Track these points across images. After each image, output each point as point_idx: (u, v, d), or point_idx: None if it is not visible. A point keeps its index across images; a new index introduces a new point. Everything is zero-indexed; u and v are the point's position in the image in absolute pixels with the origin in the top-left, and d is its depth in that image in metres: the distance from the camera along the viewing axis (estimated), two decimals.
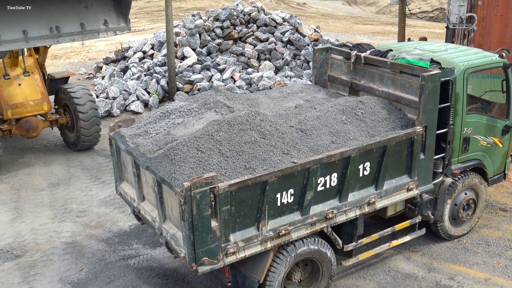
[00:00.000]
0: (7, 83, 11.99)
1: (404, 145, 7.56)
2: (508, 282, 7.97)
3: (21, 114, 12.01)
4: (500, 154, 9.07)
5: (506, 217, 9.67)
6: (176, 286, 7.82)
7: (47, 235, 9.48)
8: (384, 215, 8.21)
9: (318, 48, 9.37)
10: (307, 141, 7.24)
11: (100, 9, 9.82)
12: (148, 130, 7.47)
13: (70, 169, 12.07)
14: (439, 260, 8.50)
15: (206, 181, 5.95)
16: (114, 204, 10.40)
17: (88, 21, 9.70)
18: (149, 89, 16.33)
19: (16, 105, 11.94)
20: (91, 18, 9.69)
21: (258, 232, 6.54)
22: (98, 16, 9.80)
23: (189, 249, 6.13)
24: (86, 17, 9.63)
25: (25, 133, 12.25)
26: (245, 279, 6.88)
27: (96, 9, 9.72)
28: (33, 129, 12.23)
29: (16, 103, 11.94)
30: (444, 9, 28.13)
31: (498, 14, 13.05)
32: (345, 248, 7.58)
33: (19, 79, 12.15)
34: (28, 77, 12.27)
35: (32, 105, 12.13)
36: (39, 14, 9.12)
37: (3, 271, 8.48)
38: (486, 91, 9.46)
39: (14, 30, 8.87)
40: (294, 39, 17.79)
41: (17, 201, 10.71)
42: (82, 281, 8.11)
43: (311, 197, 6.82)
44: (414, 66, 7.91)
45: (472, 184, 8.78)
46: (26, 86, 12.17)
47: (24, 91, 12.12)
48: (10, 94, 11.93)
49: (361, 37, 24.11)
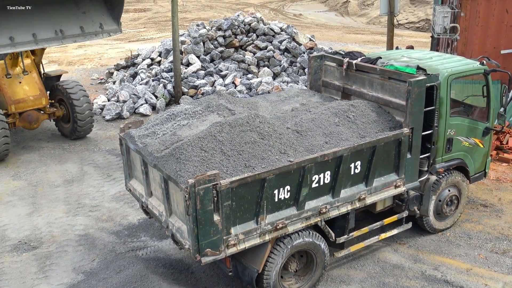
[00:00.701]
0: (9, 81, 12.53)
1: (392, 145, 7.56)
2: (488, 272, 7.98)
3: (23, 108, 12.61)
4: (481, 154, 9.08)
5: (486, 212, 9.67)
6: (181, 276, 7.82)
7: (62, 228, 9.48)
8: (374, 210, 8.22)
9: (313, 56, 9.38)
10: (303, 142, 7.24)
11: (96, 14, 10.46)
12: (156, 131, 7.47)
13: (83, 167, 12.07)
14: (425, 251, 8.50)
15: (209, 178, 5.96)
16: (124, 200, 10.40)
17: (86, 25, 10.35)
18: (156, 93, 16.32)
19: (19, 101, 12.51)
20: (88, 22, 10.39)
21: (257, 226, 6.55)
22: (95, 20, 10.55)
23: (193, 241, 6.14)
24: (85, 21, 10.36)
25: (28, 125, 12.85)
26: (245, 269, 6.89)
27: (93, 14, 10.42)
28: (34, 121, 12.83)
29: (18, 99, 12.51)
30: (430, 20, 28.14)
31: (479, 25, 13.07)
32: (338, 240, 7.59)
33: (19, 77, 12.68)
34: (27, 76, 12.79)
35: (32, 100, 12.71)
36: (45, 20, 9.73)
37: (21, 261, 8.48)
38: (468, 96, 9.46)
39: (25, 33, 9.51)
40: (290, 47, 17.80)
41: (34, 196, 10.71)
42: (94, 271, 8.11)
43: (306, 193, 6.82)
44: (402, 73, 7.92)
45: (455, 181, 8.78)
46: (25, 84, 12.73)
47: (24, 88, 12.68)
48: (12, 91, 12.49)
49: (353, 46, 24.11)
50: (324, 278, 7.73)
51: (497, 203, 10.00)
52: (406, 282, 7.74)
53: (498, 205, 9.94)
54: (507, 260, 8.25)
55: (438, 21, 13.50)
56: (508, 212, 9.66)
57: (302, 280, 7.36)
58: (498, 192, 10.46)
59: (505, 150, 11.90)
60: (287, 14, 36.33)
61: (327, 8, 39.40)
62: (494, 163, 11.58)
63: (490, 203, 10.00)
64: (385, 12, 14.97)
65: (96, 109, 15.60)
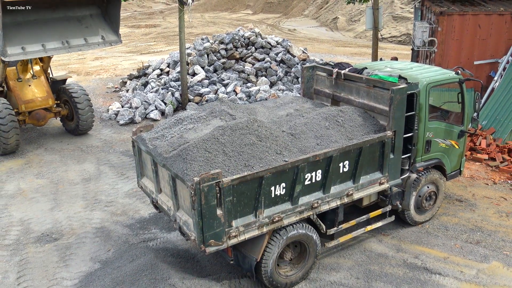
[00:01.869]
0: (20, 84, 12.97)
1: (377, 146, 7.56)
2: (463, 260, 7.98)
3: (32, 107, 13.00)
4: (456, 154, 9.09)
5: (461, 207, 9.67)
6: (188, 264, 7.81)
7: (80, 221, 9.47)
8: (360, 205, 8.21)
9: (306, 66, 9.38)
10: (296, 143, 7.24)
11: (97, 28, 10.94)
12: (165, 134, 7.46)
13: (100, 166, 12.06)
14: (406, 242, 8.49)
15: (212, 177, 5.96)
16: (136, 196, 10.39)
17: (89, 37, 10.82)
18: (165, 100, 16.30)
19: (28, 101, 12.90)
20: (91, 34, 11.01)
21: (256, 219, 6.54)
22: (96, 33, 10.99)
23: (198, 233, 6.14)
24: (88, 34, 10.97)
25: (36, 122, 13.25)
26: (245, 258, 6.88)
27: (94, 28, 11.07)
28: (41, 118, 13.23)
29: (27, 99, 12.91)
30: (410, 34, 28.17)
31: (454, 39, 13.10)
32: (328, 232, 7.59)
33: (29, 81, 13.13)
34: (36, 80, 13.22)
35: (40, 100, 13.11)
36: (52, 33, 10.27)
37: (44, 252, 8.47)
38: (445, 102, 9.48)
39: (35, 44, 10.04)
40: (286, 59, 17.80)
41: (55, 193, 10.70)
42: (110, 260, 8.10)
43: (299, 189, 6.82)
44: (385, 81, 7.93)
45: (433, 179, 8.79)
46: (34, 86, 13.14)
47: (33, 90, 13.08)
48: (22, 93, 12.92)
49: (341, 57, 24.12)
50: (316, 266, 7.73)
51: (471, 198, 10.00)
52: (390, 269, 7.73)
53: (472, 200, 9.94)
54: (480, 250, 8.25)
55: (417, 35, 13.52)
56: (481, 206, 9.67)
57: (297, 267, 7.35)
58: (472, 188, 10.46)
59: (478, 151, 11.91)
60: (283, 29, 36.35)
61: (318, 23, 39.43)
62: (468, 162, 11.59)
63: (465, 198, 10.01)
64: (370, 27, 14.99)
65: (111, 115, 15.63)
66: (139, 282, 7.13)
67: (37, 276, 7.81)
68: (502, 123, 12.14)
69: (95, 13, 10.75)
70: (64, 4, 10.29)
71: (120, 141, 13.80)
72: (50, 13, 10.14)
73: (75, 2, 10.58)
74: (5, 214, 9.81)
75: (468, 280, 7.49)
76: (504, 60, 13.02)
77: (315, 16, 41.75)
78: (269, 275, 6.94)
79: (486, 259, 7.99)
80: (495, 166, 11.33)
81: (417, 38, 13.56)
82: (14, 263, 8.18)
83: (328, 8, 41.25)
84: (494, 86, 12.93)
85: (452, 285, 7.37)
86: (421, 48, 13.52)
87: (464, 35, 13.07)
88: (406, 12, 31.80)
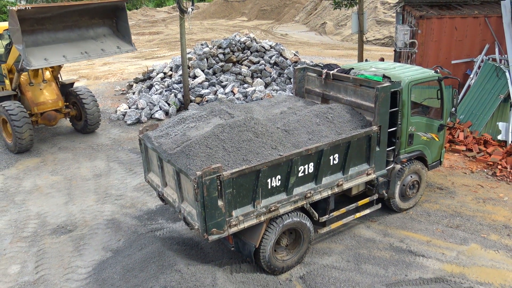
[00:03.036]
0: (32, 88, 13.13)
1: (364, 140, 7.56)
2: (444, 243, 8.00)
3: (43, 109, 13.16)
4: (437, 146, 9.09)
5: (442, 194, 9.69)
6: (192, 251, 7.80)
7: (93, 214, 9.44)
8: (350, 194, 8.22)
9: (297, 68, 9.36)
10: (290, 139, 7.23)
11: (112, 41, 11.17)
12: (169, 132, 7.44)
13: (110, 163, 12.02)
14: (392, 227, 8.51)
15: (213, 171, 5.94)
16: (144, 190, 10.36)
17: (106, 48, 10.99)
18: (169, 101, 16.25)
19: (40, 103, 13.05)
20: (108, 46, 11.02)
21: (254, 209, 6.53)
22: (112, 44, 11.15)
23: (201, 222, 6.13)
24: (104, 46, 11.04)
25: (48, 122, 13.33)
26: (245, 244, 6.87)
27: (109, 41, 11.12)
28: (52, 119, 13.32)
29: (39, 102, 13.05)
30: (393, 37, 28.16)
31: (433, 40, 13.09)
32: (320, 219, 7.59)
33: (40, 85, 13.25)
34: (46, 84, 13.36)
35: (50, 102, 13.25)
36: (72, 47, 10.44)
37: (60, 242, 8.44)
38: (425, 98, 9.49)
39: (57, 55, 10.08)
40: (279, 62, 17.76)
41: (69, 188, 10.66)
42: (120, 249, 8.09)
43: (294, 181, 6.81)
44: (370, 80, 7.92)
45: (416, 169, 8.80)
46: (45, 90, 13.29)
47: (44, 93, 13.23)
48: (34, 96, 13.07)
49: (330, 59, 24.08)
50: (310, 250, 7.74)
51: (451, 186, 10.02)
52: (378, 253, 7.75)
53: (451, 188, 9.96)
54: (460, 233, 8.27)
55: (399, 38, 13.50)
56: (460, 194, 9.69)
57: (292, 252, 7.35)
58: (451, 177, 10.48)
59: (457, 143, 11.93)
60: (276, 34, 36.25)
61: (308, 28, 39.34)
62: (448, 153, 11.61)
63: (445, 186, 10.02)
64: (356, 31, 14.96)
65: (119, 115, 15.57)
66: (147, 269, 7.12)
67: (54, 265, 7.79)
68: (478, 117, 12.16)
69: (108, 32, 10.95)
70: (78, 26, 10.50)
71: (128, 139, 13.75)
72: (68, 33, 10.34)
73: (86, 25, 10.80)
74: (23, 208, 9.77)
75: (449, 261, 7.51)
76: (478, 59, 13.03)
77: (305, 22, 41.66)
78: (267, 260, 6.94)
79: (465, 242, 8.01)
80: (472, 157, 11.36)
81: (399, 40, 13.55)
82: (32, 253, 8.16)
83: (317, 14, 41.16)
84: (470, 83, 12.95)
85: (434, 266, 7.39)
86: (403, 49, 13.51)
87: (442, 37, 13.06)
88: (389, 17, 31.76)
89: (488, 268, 7.33)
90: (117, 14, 11.49)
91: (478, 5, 13.94)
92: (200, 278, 6.82)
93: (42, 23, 10.00)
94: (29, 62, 9.62)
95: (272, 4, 48.24)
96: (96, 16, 10.94)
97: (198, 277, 6.83)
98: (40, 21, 9.92)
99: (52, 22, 10.15)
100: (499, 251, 7.76)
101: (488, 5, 13.86)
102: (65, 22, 10.36)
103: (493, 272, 7.23)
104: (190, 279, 6.74)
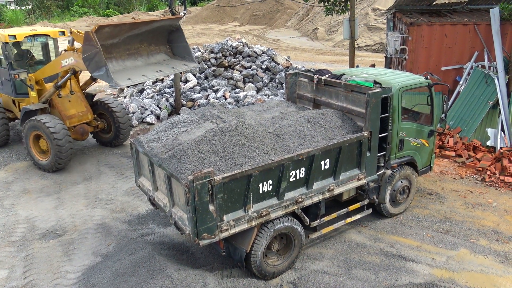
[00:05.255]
0: (61, 100, 12.26)
1: (355, 145, 7.59)
2: (434, 248, 8.04)
3: (75, 122, 12.31)
4: (427, 151, 9.16)
5: (432, 199, 9.76)
6: (183, 256, 7.77)
7: (83, 218, 9.36)
8: (341, 199, 8.24)
9: (289, 73, 9.39)
10: (282, 144, 7.24)
11: (178, 62, 10.91)
12: (160, 137, 7.42)
13: (100, 167, 11.95)
14: (382, 232, 8.54)
15: (205, 175, 5.93)
16: (134, 194, 10.31)
17: (175, 66, 10.73)
18: (160, 105, 16.21)
19: (71, 116, 12.23)
20: (176, 65, 10.74)
21: (245, 214, 6.53)
22: (179, 64, 10.86)
23: (192, 227, 6.11)
24: (174, 65, 10.72)
25: (80, 136, 12.40)
26: (236, 249, 6.86)
27: (177, 61, 10.86)
28: (85, 133, 12.43)
29: (70, 115, 12.24)
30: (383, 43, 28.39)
31: (423, 47, 13.21)
32: (312, 224, 7.60)
33: (68, 97, 12.41)
34: (74, 95, 12.51)
35: (80, 115, 12.43)
36: (149, 69, 10.22)
37: (49, 247, 8.36)
38: (416, 104, 9.55)
39: (138, 75, 9.84)
40: (270, 67, 17.81)
41: (59, 193, 10.57)
42: (110, 253, 8.02)
43: (285, 186, 6.82)
44: (361, 86, 7.96)
45: (406, 174, 8.85)
46: (74, 102, 12.47)
47: (74, 106, 12.42)
48: (65, 108, 12.23)
49: (322, 65, 24.19)
50: (301, 255, 7.74)
51: (441, 192, 10.09)
52: (368, 258, 7.77)
53: (441, 193, 10.03)
54: (450, 238, 8.33)
55: (390, 44, 13.61)
56: (450, 199, 9.76)
57: (283, 257, 7.34)
58: (441, 182, 10.56)
59: (447, 149, 12.02)
60: (267, 39, 36.37)
61: (300, 34, 39.52)
62: (438, 159, 11.70)
63: (435, 191, 10.09)
64: (347, 37, 15.06)
65: None
66: (138, 274, 7.07)
67: (43, 270, 7.70)
68: (468, 123, 12.28)
69: (166, 58, 10.81)
70: (140, 54, 10.33)
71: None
72: (133, 61, 10.19)
73: (146, 52, 10.58)
74: (11, 212, 9.67)
75: (439, 266, 7.56)
76: (468, 66, 13.17)
77: (297, 27, 41.86)
78: (258, 265, 6.93)
79: (455, 247, 8.07)
80: (462, 162, 11.45)
81: (390, 46, 13.66)
82: (20, 258, 8.06)
83: (309, 19, 41.39)
84: (460, 90, 13.07)
85: (424, 271, 7.43)
86: (393, 55, 13.62)
87: (432, 44, 13.19)
88: (380, 23, 32.03)
89: (477, 273, 7.38)
90: (171, 38, 10.93)
91: (468, 13, 14.11)
92: (191, 283, 6.79)
93: (110, 51, 9.64)
94: (117, 83, 9.20)
95: (264, 10, 48.42)
96: (153, 43, 10.60)
97: (189, 282, 6.80)
98: (108, 49, 9.55)
99: (119, 51, 9.87)
100: (488, 256, 7.82)
101: (477, 12, 14.03)
102: (129, 50, 10.14)
103: (482, 277, 7.29)
104: (180, 284, 6.70)
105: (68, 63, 10.89)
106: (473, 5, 14.38)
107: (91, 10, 57.19)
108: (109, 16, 54.71)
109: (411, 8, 14.37)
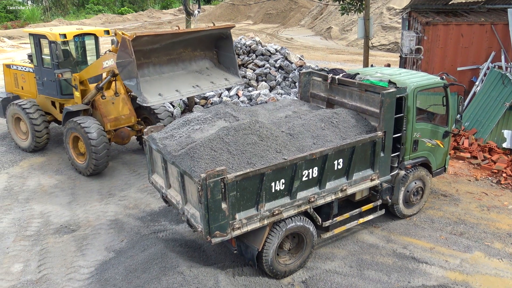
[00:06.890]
0: (104, 102, 11.83)
1: (369, 145, 7.55)
2: (448, 250, 7.96)
3: (116, 126, 11.87)
4: (441, 152, 9.07)
5: (446, 201, 9.66)
6: (195, 253, 7.80)
7: (96, 214, 9.46)
8: (353, 199, 8.20)
9: (303, 72, 9.37)
10: (295, 143, 7.23)
11: (217, 73, 10.48)
12: (174, 134, 7.45)
13: (113, 164, 12.04)
14: (395, 233, 8.48)
15: (218, 173, 5.94)
16: (147, 191, 10.38)
17: (215, 80, 10.28)
18: (174, 103, 16.29)
19: (113, 119, 11.81)
20: (216, 79, 10.30)
21: (257, 212, 6.53)
22: (220, 77, 10.42)
23: (205, 225, 6.12)
24: (213, 79, 10.25)
25: (120, 140, 12.01)
26: (248, 248, 6.87)
27: (217, 75, 10.40)
28: (126, 137, 12.01)
29: (112, 118, 11.81)
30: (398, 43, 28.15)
31: (439, 47, 13.08)
32: (324, 224, 7.57)
33: (112, 99, 11.98)
34: (118, 97, 12.08)
35: (124, 118, 12.01)
36: (185, 82, 9.80)
37: (63, 242, 8.46)
38: (431, 105, 9.47)
39: (171, 90, 9.45)
40: (284, 65, 17.78)
41: (73, 188, 10.69)
42: (123, 249, 8.09)
43: (298, 185, 6.81)
44: (376, 86, 7.91)
45: (420, 175, 8.77)
46: (117, 104, 12.04)
47: (117, 108, 12.00)
48: (107, 111, 11.81)
49: (335, 64, 24.08)
50: (313, 255, 7.72)
51: (455, 194, 9.99)
52: (380, 259, 7.72)
53: (455, 195, 9.93)
54: (464, 241, 8.24)
55: (405, 44, 13.50)
56: (464, 201, 9.65)
57: (295, 257, 7.34)
58: (456, 184, 10.44)
59: (461, 150, 11.89)
60: (281, 38, 36.31)
61: (313, 33, 39.38)
62: (452, 160, 11.58)
63: (449, 193, 9.99)
64: (362, 36, 14.96)
65: None
66: (150, 270, 7.12)
67: (56, 264, 7.80)
68: (483, 124, 12.13)
69: (209, 65, 10.29)
70: (181, 60, 9.91)
71: (132, 140, 13.77)
72: (172, 67, 9.79)
73: (189, 57, 10.19)
74: (26, 207, 9.81)
75: (453, 268, 7.48)
76: (484, 66, 13.01)
77: (311, 26, 41.72)
78: (269, 263, 6.93)
79: (469, 250, 7.97)
80: (477, 164, 11.32)
81: (405, 46, 13.54)
82: (35, 252, 8.18)
83: (323, 18, 41.21)
84: (476, 90, 12.92)
85: (437, 273, 7.36)
86: (408, 55, 13.50)
87: (448, 44, 13.05)
88: (394, 23, 31.76)
89: (491, 277, 7.29)
90: (219, 44, 10.52)
91: (485, 13, 13.93)
92: (203, 280, 6.81)
93: (149, 57, 9.31)
94: (145, 99, 8.84)
95: (278, 8, 48.33)
96: (198, 48, 10.18)
97: (201, 279, 6.82)
98: (146, 54, 9.24)
99: (158, 56, 9.50)
100: (503, 259, 7.72)
101: (494, 12, 13.85)
102: (170, 55, 9.70)
103: (497, 281, 7.19)
104: (192, 282, 6.73)
105: (109, 65, 10.46)
106: (490, 4, 14.19)
107: (106, 8, 57.70)
108: (123, 14, 55.15)
109: (427, 7, 14.23)
